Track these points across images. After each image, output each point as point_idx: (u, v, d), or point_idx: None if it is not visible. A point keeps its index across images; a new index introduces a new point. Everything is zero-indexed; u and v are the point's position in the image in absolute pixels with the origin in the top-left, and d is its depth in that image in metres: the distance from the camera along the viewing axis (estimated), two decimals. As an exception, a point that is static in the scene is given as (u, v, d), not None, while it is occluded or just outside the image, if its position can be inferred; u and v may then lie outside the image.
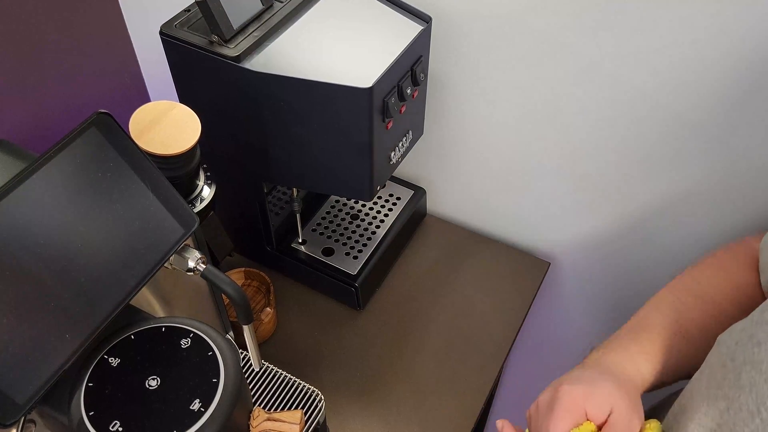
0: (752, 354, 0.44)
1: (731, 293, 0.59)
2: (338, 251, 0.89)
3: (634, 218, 0.84)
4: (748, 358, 0.44)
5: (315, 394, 0.65)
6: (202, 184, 0.65)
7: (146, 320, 0.54)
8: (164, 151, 0.57)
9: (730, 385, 0.45)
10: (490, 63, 0.79)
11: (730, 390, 0.45)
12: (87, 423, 0.47)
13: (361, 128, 0.66)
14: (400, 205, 0.95)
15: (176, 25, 0.68)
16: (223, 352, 0.52)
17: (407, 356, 0.84)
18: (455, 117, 0.88)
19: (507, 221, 0.97)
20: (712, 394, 0.47)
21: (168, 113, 0.59)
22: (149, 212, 0.50)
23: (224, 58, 0.65)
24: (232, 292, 0.52)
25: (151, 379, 0.50)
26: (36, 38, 0.91)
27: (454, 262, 0.94)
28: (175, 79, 0.72)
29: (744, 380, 0.44)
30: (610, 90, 0.74)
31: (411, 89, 0.70)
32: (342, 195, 0.77)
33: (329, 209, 0.95)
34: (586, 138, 0.80)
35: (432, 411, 0.79)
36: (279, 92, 0.65)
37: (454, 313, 0.88)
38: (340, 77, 0.63)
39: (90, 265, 0.46)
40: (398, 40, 0.68)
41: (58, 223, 0.45)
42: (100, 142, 0.48)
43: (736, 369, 0.45)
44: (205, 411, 0.48)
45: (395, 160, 0.75)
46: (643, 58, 0.69)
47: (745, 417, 0.43)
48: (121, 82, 1.08)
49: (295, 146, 0.70)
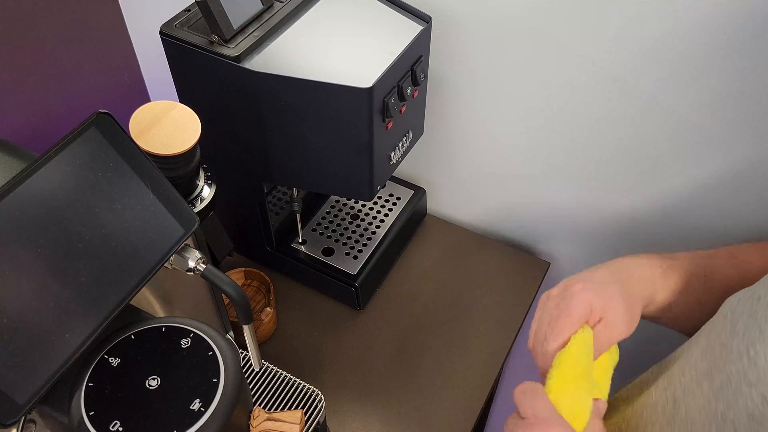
0: (751, 306, 0.47)
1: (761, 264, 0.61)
2: (338, 251, 0.89)
3: (634, 218, 0.84)
4: (747, 309, 0.47)
5: (315, 394, 0.65)
6: (202, 184, 0.65)
7: (146, 320, 0.54)
8: (164, 151, 0.57)
9: (727, 333, 0.48)
10: (490, 62, 0.79)
11: (726, 337, 0.48)
12: (87, 423, 0.47)
13: (361, 128, 0.66)
14: (400, 205, 0.95)
15: (176, 25, 0.68)
16: (223, 352, 0.52)
17: (407, 356, 0.84)
18: (455, 117, 0.88)
19: (507, 221, 0.97)
20: (711, 341, 0.50)
21: (168, 113, 0.59)
22: (149, 212, 0.50)
23: (224, 58, 0.65)
24: (232, 292, 0.52)
25: (151, 379, 0.50)
26: (36, 38, 0.91)
27: (454, 262, 0.94)
28: (175, 79, 0.72)
29: (739, 327, 0.46)
30: (611, 90, 0.74)
31: (411, 89, 0.70)
32: (342, 195, 0.77)
33: (329, 209, 0.95)
34: (586, 137, 0.80)
35: (432, 411, 0.79)
36: (279, 92, 0.65)
37: (454, 312, 0.88)
38: (340, 77, 0.63)
39: (90, 265, 0.46)
40: (398, 40, 0.68)
41: (58, 223, 0.45)
42: (100, 142, 0.48)
43: (734, 319, 0.48)
44: (205, 411, 0.48)
45: (395, 160, 0.75)
46: (643, 57, 0.69)
47: (734, 357, 0.46)
48: (121, 82, 1.08)
49: (295, 146, 0.70)
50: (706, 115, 0.70)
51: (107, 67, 1.04)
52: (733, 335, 0.47)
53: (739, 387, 0.44)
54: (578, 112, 0.78)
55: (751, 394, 0.43)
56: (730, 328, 0.48)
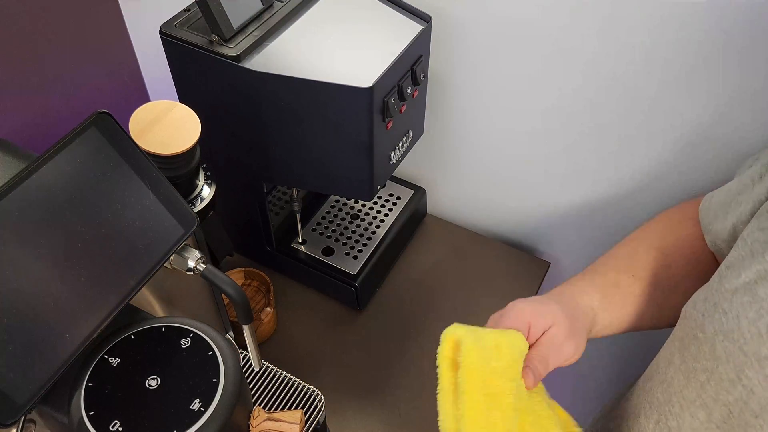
0: (721, 323, 0.45)
1: (677, 244, 0.62)
2: (338, 251, 0.89)
3: (634, 218, 0.84)
4: (718, 328, 0.45)
5: (315, 394, 0.65)
6: (202, 184, 0.65)
7: (146, 320, 0.54)
8: (164, 151, 0.57)
9: (707, 357, 0.46)
10: (490, 62, 0.79)
11: (708, 362, 0.46)
12: (87, 423, 0.47)
13: (361, 128, 0.66)
14: (400, 205, 0.95)
15: (176, 25, 0.68)
16: (223, 352, 0.52)
17: (407, 356, 0.84)
18: (455, 117, 0.88)
19: (507, 221, 0.97)
20: (690, 367, 0.49)
21: (168, 113, 0.59)
22: (149, 212, 0.50)
23: (224, 58, 0.65)
24: (232, 292, 0.52)
25: (151, 379, 0.50)
26: (36, 38, 0.91)
27: (454, 262, 0.94)
28: (175, 79, 0.72)
29: (719, 351, 0.45)
30: (611, 90, 0.74)
31: (411, 89, 0.70)
32: (342, 195, 0.77)
33: (329, 209, 0.95)
34: (586, 138, 0.80)
35: (432, 411, 0.78)
36: (279, 92, 0.65)
37: (455, 313, 0.88)
38: (340, 77, 0.63)
39: (90, 265, 0.46)
40: (398, 39, 0.68)
41: (58, 223, 0.45)
42: (100, 141, 0.48)
43: (708, 340, 0.46)
44: (205, 411, 0.48)
45: (395, 160, 0.75)
46: (646, 59, 0.69)
47: (727, 386, 0.44)
48: (121, 82, 1.08)
49: (295, 146, 0.70)
50: (713, 117, 0.70)
51: (107, 67, 1.04)
52: (716, 360, 0.45)
53: (743, 418, 0.43)
54: (579, 112, 0.78)
55: (759, 425, 0.42)
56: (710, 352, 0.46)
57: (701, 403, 0.47)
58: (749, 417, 0.43)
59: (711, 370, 0.46)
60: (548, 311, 0.53)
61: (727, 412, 0.44)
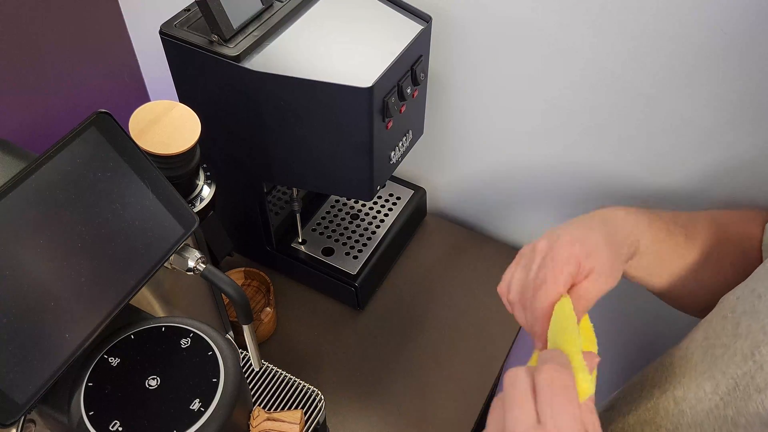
0: (752, 305, 0.46)
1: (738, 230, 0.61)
2: (338, 251, 0.89)
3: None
4: (748, 308, 0.46)
5: (315, 394, 0.65)
6: (202, 184, 0.65)
7: (146, 320, 0.54)
8: (164, 151, 0.57)
9: (728, 334, 0.47)
10: (490, 62, 0.79)
11: (728, 339, 0.47)
12: (87, 423, 0.47)
13: (361, 128, 0.66)
14: (400, 205, 0.95)
15: (176, 25, 0.68)
16: (223, 352, 0.52)
17: (407, 356, 0.84)
18: (455, 117, 0.88)
19: (507, 221, 0.97)
20: (709, 343, 0.50)
21: (168, 113, 0.59)
22: (149, 212, 0.50)
23: (224, 58, 0.65)
24: (232, 292, 0.52)
25: (151, 379, 0.50)
26: (36, 38, 0.91)
27: (454, 261, 0.94)
28: (175, 79, 0.72)
29: (742, 328, 0.46)
30: (612, 89, 0.73)
31: (411, 89, 0.70)
32: (342, 195, 0.77)
33: (329, 209, 0.95)
34: (586, 138, 0.80)
35: (432, 411, 0.79)
36: (279, 92, 0.65)
37: (455, 312, 0.88)
38: (340, 77, 0.63)
39: (90, 265, 0.46)
40: (398, 39, 0.68)
41: (58, 223, 0.45)
42: (100, 142, 0.48)
43: (735, 319, 0.47)
44: (205, 411, 0.48)
45: (395, 160, 0.75)
46: (646, 57, 0.69)
47: (739, 361, 0.45)
48: (121, 82, 1.08)
49: (295, 146, 0.70)
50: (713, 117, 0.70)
51: (107, 67, 1.04)
52: (736, 337, 0.46)
53: (747, 392, 0.44)
54: (579, 112, 0.78)
55: (761, 399, 0.42)
56: (732, 330, 0.47)
57: (710, 375, 0.48)
58: (753, 391, 0.44)
59: (728, 345, 0.47)
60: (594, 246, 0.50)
61: (734, 384, 0.45)
